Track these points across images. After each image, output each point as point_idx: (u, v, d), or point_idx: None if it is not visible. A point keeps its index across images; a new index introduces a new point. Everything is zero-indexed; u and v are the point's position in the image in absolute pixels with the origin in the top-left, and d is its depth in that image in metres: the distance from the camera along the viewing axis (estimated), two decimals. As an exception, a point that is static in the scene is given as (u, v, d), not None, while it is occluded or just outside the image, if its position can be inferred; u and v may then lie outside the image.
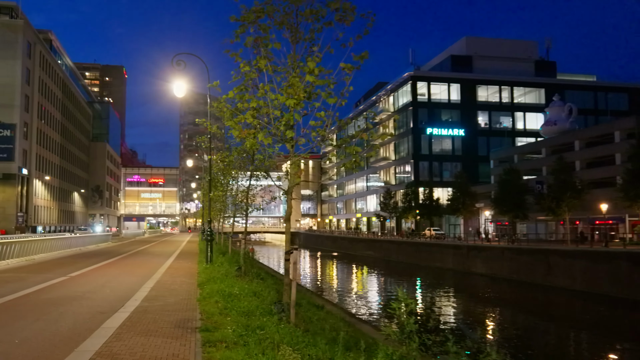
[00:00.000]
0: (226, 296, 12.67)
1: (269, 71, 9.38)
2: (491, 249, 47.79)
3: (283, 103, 9.26)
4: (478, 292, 40.07)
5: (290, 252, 9.67)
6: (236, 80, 9.85)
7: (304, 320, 10.46)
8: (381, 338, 9.40)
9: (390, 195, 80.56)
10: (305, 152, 10.19)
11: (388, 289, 43.62)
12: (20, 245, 25.89)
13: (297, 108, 9.05)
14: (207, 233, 23.43)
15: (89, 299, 12.95)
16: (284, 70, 9.45)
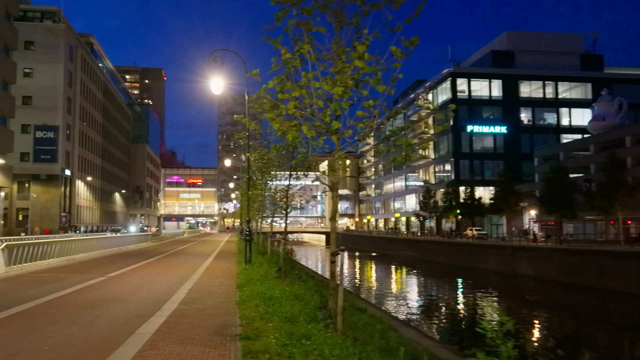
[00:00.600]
0: (267, 299, 12.02)
1: (311, 59, 8.67)
2: (538, 249, 46.12)
3: (327, 92, 8.55)
4: (525, 295, 38.60)
5: (337, 254, 8.94)
6: (276, 70, 9.19)
7: (351, 327, 9.69)
8: (447, 355, 8.57)
9: (430, 195, 79.12)
10: (352, 144, 9.46)
11: (429, 290, 42.56)
12: (61, 245, 25.84)
13: (345, 97, 8.30)
14: (245, 233, 22.86)
15: (125, 301, 12.46)
16: (329, 57, 8.71)
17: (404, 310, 30.92)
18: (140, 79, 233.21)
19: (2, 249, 18.99)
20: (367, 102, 8.52)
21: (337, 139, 8.79)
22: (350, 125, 8.85)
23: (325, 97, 8.73)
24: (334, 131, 8.78)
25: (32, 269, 21.01)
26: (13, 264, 20.19)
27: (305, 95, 8.70)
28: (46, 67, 70.53)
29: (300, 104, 8.84)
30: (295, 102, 8.76)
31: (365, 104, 8.52)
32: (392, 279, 51.72)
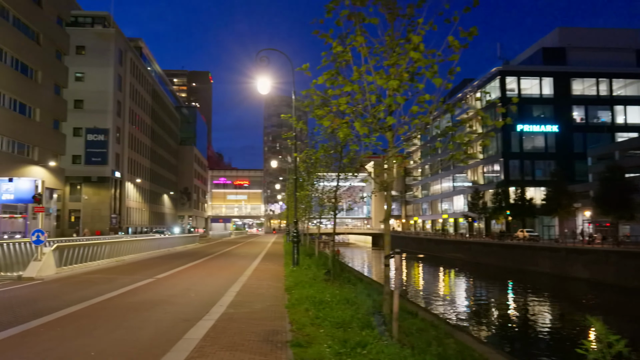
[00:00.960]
0: (317, 303, 11.62)
1: (363, 52, 8.22)
2: (594, 252, 44.34)
3: (380, 87, 8.10)
4: (581, 299, 37.11)
5: (391, 257, 8.46)
6: (326, 65, 8.78)
7: (406, 334, 9.19)
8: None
9: (478, 196, 77.46)
10: (406, 142, 8.99)
11: (479, 293, 41.41)
12: (111, 246, 26.12)
13: (400, 91, 7.83)
14: (293, 234, 22.54)
15: (173, 304, 12.28)
16: (382, 49, 8.25)
17: (454, 314, 30.06)
18: (187, 82, 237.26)
19: (52, 250, 19.21)
20: (423, 97, 8.03)
21: (391, 136, 8.33)
22: (404, 121, 8.37)
23: (378, 92, 8.29)
24: (387, 128, 8.33)
25: (83, 270, 21.23)
26: (64, 265, 20.44)
27: (357, 90, 8.26)
28: (97, 71, 72.26)
29: (351, 100, 8.42)
30: (346, 97, 8.34)
31: (420, 99, 8.03)
32: (441, 281, 50.65)
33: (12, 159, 45.74)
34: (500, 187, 74.35)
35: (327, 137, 17.67)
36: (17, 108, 46.69)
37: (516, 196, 71.49)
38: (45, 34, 51.94)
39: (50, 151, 53.26)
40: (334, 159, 18.90)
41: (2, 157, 44.06)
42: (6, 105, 44.79)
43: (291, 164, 75.89)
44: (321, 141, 18.37)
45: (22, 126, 47.31)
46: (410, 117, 8.33)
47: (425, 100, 8.07)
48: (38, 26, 50.38)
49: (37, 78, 50.50)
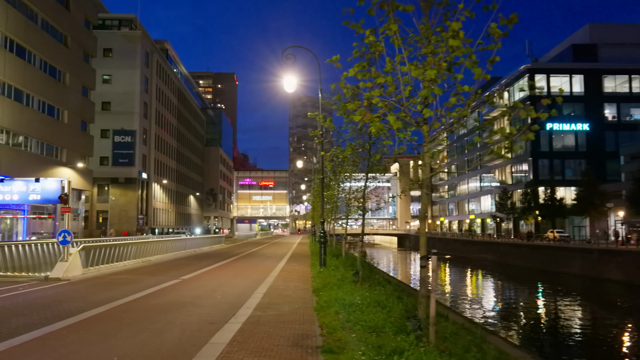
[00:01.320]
0: (347, 306, 11.19)
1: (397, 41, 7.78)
2: (628, 253, 43.05)
3: (415, 78, 7.66)
4: (615, 301, 36.03)
5: (428, 258, 8.00)
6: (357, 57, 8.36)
7: (442, 339, 8.70)
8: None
9: (507, 196, 76.15)
10: (442, 137, 8.56)
11: (509, 295, 40.47)
12: (137, 246, 26.04)
13: (437, 81, 7.38)
14: (320, 235, 22.15)
15: (198, 306, 11.97)
16: (417, 38, 7.79)
17: (483, 316, 29.34)
18: (213, 84, 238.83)
19: (79, 251, 19.11)
20: (462, 88, 7.55)
21: (427, 130, 7.87)
22: (440, 115, 7.91)
23: (412, 84, 7.85)
24: (423, 121, 7.88)
25: (109, 270, 21.13)
26: (90, 265, 20.34)
27: (390, 82, 7.83)
28: (124, 73, 72.94)
29: (384, 93, 7.98)
30: (379, 90, 7.91)
31: (459, 89, 7.55)
32: (468, 283, 49.75)
33: (41, 160, 46.23)
34: (529, 186, 72.94)
35: (355, 134, 17.27)
36: (46, 110, 47.22)
37: (546, 196, 70.07)
38: (73, 36, 52.48)
39: (78, 153, 53.80)
40: (362, 158, 18.48)
41: (31, 158, 44.57)
42: (35, 107, 45.31)
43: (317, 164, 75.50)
44: (348, 139, 17.96)
45: (50, 128, 47.82)
46: (446, 110, 7.88)
47: (465, 91, 7.60)
48: (66, 29, 50.91)
49: (65, 80, 51.03)
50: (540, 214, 69.78)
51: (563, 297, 37.65)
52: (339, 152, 18.06)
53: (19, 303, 12.58)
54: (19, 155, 42.91)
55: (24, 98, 43.58)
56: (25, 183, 19.15)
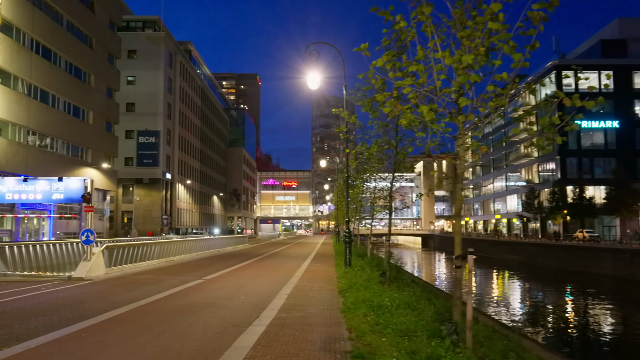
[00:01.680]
0: (375, 308, 10.74)
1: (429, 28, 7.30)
2: (662, 253, 41.83)
3: (449, 67, 7.18)
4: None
5: (464, 258, 7.51)
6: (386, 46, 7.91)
7: (479, 344, 8.19)
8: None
9: (534, 195, 74.80)
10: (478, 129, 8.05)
11: (539, 296, 39.49)
12: (160, 246, 25.87)
13: (475, 67, 6.89)
14: (345, 234, 21.70)
15: (221, 307, 11.60)
16: (450, 24, 7.31)
17: (513, 318, 28.58)
18: (235, 85, 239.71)
19: (102, 250, 18.94)
20: (500, 75, 7.04)
21: (463, 120, 7.37)
22: (476, 105, 7.41)
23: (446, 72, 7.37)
24: (458, 111, 7.39)
25: (132, 270, 20.95)
26: (114, 265, 20.18)
27: (421, 71, 7.35)
28: (148, 75, 73.32)
29: (415, 82, 7.51)
30: (410, 78, 7.44)
31: (497, 77, 7.05)
32: (496, 284, 48.79)
33: (67, 161, 46.55)
34: (557, 185, 71.55)
35: (381, 131, 16.80)
36: (71, 111, 47.53)
37: (574, 195, 68.65)
38: (98, 38, 52.81)
39: (103, 153, 54.13)
40: (387, 156, 18.00)
41: (57, 159, 44.89)
42: (60, 108, 45.62)
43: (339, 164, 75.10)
44: (374, 136, 17.48)
45: (75, 129, 48.13)
46: (481, 101, 7.39)
47: (503, 78, 7.09)
48: (91, 31, 51.24)
49: (90, 81, 51.36)
50: (568, 214, 68.39)
51: (595, 299, 36.63)
52: (364, 149, 17.57)
53: (40, 303, 12.37)
54: (45, 155, 43.25)
55: (50, 99, 43.91)
56: (48, 182, 19.03)
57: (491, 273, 57.20)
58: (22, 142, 40.23)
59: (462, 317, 7.87)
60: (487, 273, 57.38)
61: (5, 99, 37.38)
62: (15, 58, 38.77)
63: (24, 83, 40.21)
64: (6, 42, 37.48)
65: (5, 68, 37.58)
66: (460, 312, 7.73)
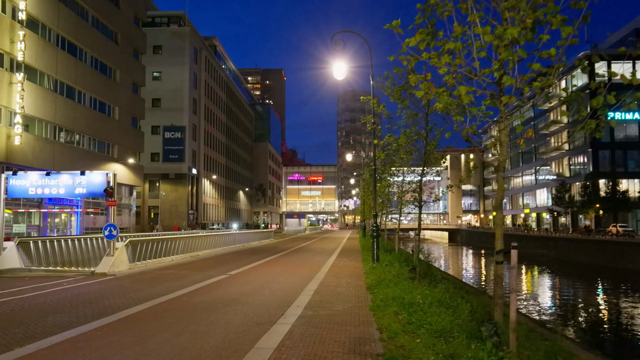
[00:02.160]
0: (406, 305, 10.14)
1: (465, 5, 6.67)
2: (701, 248, 40.31)
3: (490, 44, 6.53)
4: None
5: (507, 253, 6.87)
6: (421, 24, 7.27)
7: (523, 346, 7.54)
8: None
9: (565, 189, 73.09)
10: (523, 113, 7.41)
11: (571, 293, 38.32)
12: (185, 241, 25.57)
13: (520, 41, 6.23)
14: (372, 229, 21.08)
15: (245, 304, 11.11)
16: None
17: (547, 316, 27.64)
18: (261, 80, 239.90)
19: (125, 245, 18.64)
20: (547, 51, 6.38)
21: (505, 102, 6.72)
22: (520, 85, 6.75)
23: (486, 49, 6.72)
24: (500, 92, 6.75)
25: (156, 265, 20.64)
26: (137, 260, 19.88)
27: (459, 49, 6.71)
28: (173, 70, 73.39)
29: (452, 61, 6.86)
30: (447, 57, 6.80)
31: (543, 54, 6.39)
32: (526, 279, 47.57)
33: (93, 156, 46.71)
34: (589, 179, 69.77)
35: (410, 121, 16.16)
36: (97, 107, 47.64)
37: (607, 189, 66.83)
38: (123, 33, 52.86)
39: (129, 149, 54.25)
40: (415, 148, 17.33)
41: (83, 155, 45.05)
42: (87, 104, 45.75)
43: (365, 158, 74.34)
44: (402, 126, 16.83)
45: (102, 124, 48.26)
46: (524, 83, 6.73)
47: (550, 55, 6.43)
48: (116, 26, 51.29)
49: (116, 77, 51.47)
50: (601, 208, 66.65)
51: (630, 296, 35.40)
52: (392, 140, 16.93)
53: (60, 300, 12.03)
54: (72, 151, 43.42)
55: (76, 95, 44.03)
56: (71, 176, 18.77)
57: (521, 268, 55.96)
58: (49, 138, 40.40)
59: (504, 317, 7.25)
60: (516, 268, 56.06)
61: (31, 95, 37.52)
62: (41, 54, 38.90)
63: (50, 79, 40.35)
64: (32, 38, 37.60)
65: (31, 64, 37.71)
66: (502, 312, 7.09)
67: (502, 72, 6.53)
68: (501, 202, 7.12)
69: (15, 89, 35.66)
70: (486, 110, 7.06)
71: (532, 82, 6.75)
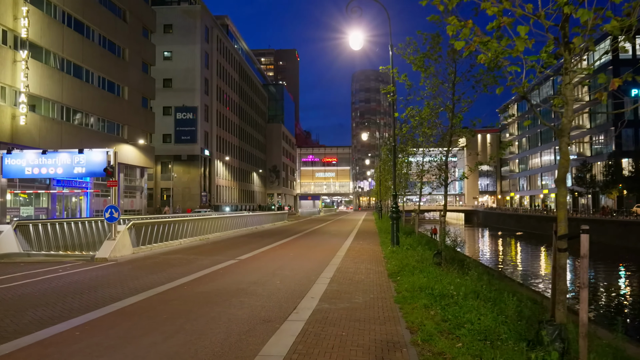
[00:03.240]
0: (437, 297, 8.79)
1: None
2: None
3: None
4: None
5: (572, 238, 5.49)
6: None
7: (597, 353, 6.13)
8: None
9: (586, 168, 70.99)
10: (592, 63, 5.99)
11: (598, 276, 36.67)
12: (194, 223, 24.37)
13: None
14: (392, 210, 19.71)
15: (252, 295, 9.82)
16: None
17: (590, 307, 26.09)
18: (274, 61, 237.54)
19: (128, 229, 17.44)
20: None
21: (578, 44, 5.29)
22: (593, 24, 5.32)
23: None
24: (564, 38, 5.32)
25: (162, 249, 19.48)
26: (142, 244, 18.71)
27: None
28: (184, 50, 71.86)
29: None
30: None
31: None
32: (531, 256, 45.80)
33: (102, 137, 45.63)
34: (612, 158, 67.55)
35: (434, 91, 14.68)
36: (106, 86, 46.42)
37: (634, 168, 64.67)
38: (132, 11, 51.41)
39: (140, 129, 53.08)
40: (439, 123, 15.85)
41: (92, 135, 43.96)
42: (95, 84, 44.53)
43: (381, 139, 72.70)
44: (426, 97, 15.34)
45: (111, 104, 47.06)
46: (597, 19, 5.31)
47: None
48: (124, 3, 49.84)
49: (125, 56, 50.16)
50: (625, 188, 64.57)
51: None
52: (414, 113, 15.45)
53: (48, 289, 10.83)
54: (80, 132, 42.34)
55: (84, 74, 42.81)
56: (70, 155, 17.58)
57: (540, 250, 54.31)
58: (56, 118, 39.29)
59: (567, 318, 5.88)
60: (537, 250, 54.54)
61: (37, 74, 36.34)
62: (46, 31, 37.62)
63: (56, 57, 39.13)
64: (36, 15, 36.33)
65: (36, 41, 36.46)
66: (565, 312, 5.71)
67: (578, 4, 5.09)
68: (564, 176, 5.70)
69: (20, 67, 34.48)
70: (547, 59, 5.62)
71: (604, 25, 5.33)
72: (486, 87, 12.96)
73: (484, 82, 12.65)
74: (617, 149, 70.91)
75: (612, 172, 65.77)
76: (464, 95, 13.62)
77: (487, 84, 12.88)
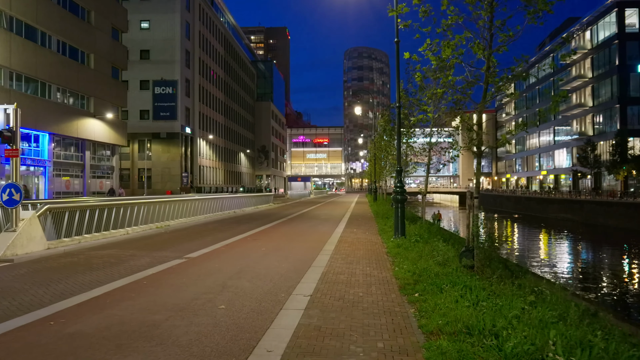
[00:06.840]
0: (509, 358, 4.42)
1: None
2: None
3: None
4: None
5: None
6: None
7: None
8: None
9: (590, 148, 66.92)
10: None
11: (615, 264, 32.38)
12: (149, 207, 19.74)
13: None
14: (397, 189, 15.23)
15: (158, 345, 5.37)
16: None
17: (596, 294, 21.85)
18: (264, 39, 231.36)
19: (39, 216, 12.85)
20: None
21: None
22: None
23: None
24: None
25: (96, 242, 14.93)
26: (66, 235, 14.15)
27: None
28: (163, 18, 66.38)
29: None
30: None
31: None
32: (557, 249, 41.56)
33: (64, 109, 40.74)
34: (618, 137, 63.41)
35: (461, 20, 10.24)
36: (67, 52, 41.27)
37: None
38: (99, -30, 46.16)
39: (109, 102, 47.91)
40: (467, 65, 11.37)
41: (51, 107, 39.04)
42: (53, 48, 39.38)
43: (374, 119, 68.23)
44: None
45: (73, 73, 41.94)
46: None
47: None
48: (89, -40, 44.52)
49: (90, 19, 44.94)
50: (632, 168, 60.56)
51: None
52: (430, 54, 10.95)
53: None
54: (37, 103, 37.36)
55: (39, 36, 37.66)
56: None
57: (543, 234, 50.20)
58: (3, 85, 34.21)
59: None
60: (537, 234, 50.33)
61: (-22, 33, 31.39)
62: (-10, -16, 32.61)
63: (2, 15, 34.02)
64: (-22, -35, 31.32)
65: (-23, -5, 31.50)
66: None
67: None
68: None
69: (-46, 24, 29.57)
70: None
71: None
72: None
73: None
74: (622, 127, 66.76)
75: (620, 151, 61.73)
76: (512, 16, 9.15)
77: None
